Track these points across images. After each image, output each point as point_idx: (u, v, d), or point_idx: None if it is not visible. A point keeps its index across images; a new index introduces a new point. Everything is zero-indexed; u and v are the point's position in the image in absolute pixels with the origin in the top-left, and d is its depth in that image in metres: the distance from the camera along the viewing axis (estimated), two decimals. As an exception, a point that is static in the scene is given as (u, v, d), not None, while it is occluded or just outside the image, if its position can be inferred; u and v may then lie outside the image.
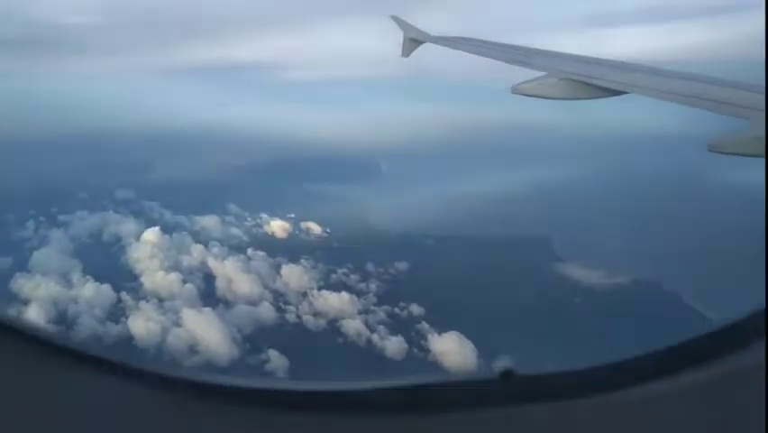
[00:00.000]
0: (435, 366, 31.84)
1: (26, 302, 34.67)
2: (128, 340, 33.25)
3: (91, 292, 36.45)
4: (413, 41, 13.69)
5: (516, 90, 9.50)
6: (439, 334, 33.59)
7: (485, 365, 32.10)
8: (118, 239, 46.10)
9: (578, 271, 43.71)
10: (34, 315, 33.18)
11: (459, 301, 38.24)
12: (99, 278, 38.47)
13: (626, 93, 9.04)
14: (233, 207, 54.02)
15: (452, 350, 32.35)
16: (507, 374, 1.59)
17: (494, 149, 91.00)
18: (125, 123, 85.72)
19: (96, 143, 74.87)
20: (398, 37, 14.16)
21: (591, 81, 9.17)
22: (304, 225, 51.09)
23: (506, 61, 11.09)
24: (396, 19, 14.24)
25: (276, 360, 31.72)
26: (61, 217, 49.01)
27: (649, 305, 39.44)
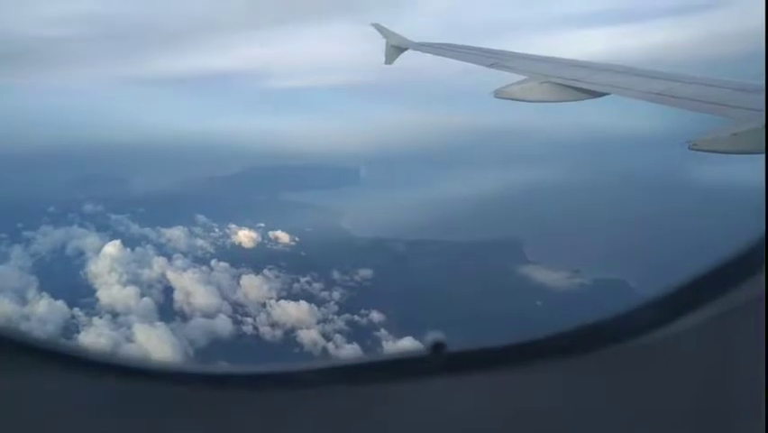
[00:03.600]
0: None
1: (-24, 321, 34.07)
2: (79, 357, 32.64)
3: (45, 309, 35.90)
4: (395, 48, 13.66)
5: (498, 94, 9.39)
6: (394, 341, 33.08)
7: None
8: (80, 253, 45.61)
9: (543, 274, 43.31)
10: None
11: (421, 307, 37.76)
12: (55, 294, 37.90)
13: (606, 94, 8.88)
14: (201, 218, 53.58)
15: (407, 357, 31.79)
16: (437, 347, 1.73)
17: (475, 152, 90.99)
18: (102, 135, 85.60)
19: (71, 156, 74.62)
20: (380, 42, 14.03)
21: (572, 84, 9.05)
22: (272, 234, 50.65)
23: (487, 66, 11.00)
24: (377, 27, 14.22)
25: (227, 373, 31.12)
26: (25, 233, 48.52)
27: (614, 305, 39.01)
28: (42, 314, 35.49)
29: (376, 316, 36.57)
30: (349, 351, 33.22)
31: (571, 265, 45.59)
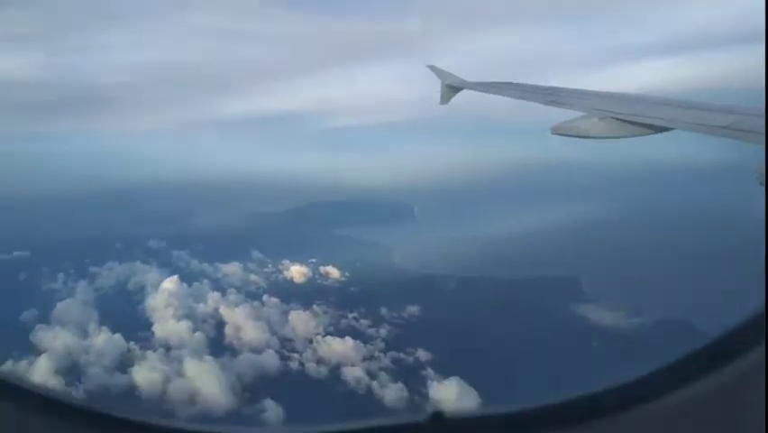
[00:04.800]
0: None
1: (40, 353, 35.76)
2: (132, 390, 33.59)
3: (103, 342, 37.29)
4: (451, 87, 13.88)
5: (555, 131, 9.40)
6: (440, 381, 32.16)
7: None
8: (141, 288, 47.38)
9: (600, 313, 41.30)
10: (44, 366, 34.21)
11: (470, 346, 36.75)
12: (114, 327, 39.39)
13: (669, 129, 8.72)
14: (256, 254, 54.84)
15: (452, 398, 30.79)
16: (436, 416, 1.63)
17: (532, 189, 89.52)
18: (166, 176, 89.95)
19: (137, 196, 78.69)
20: (434, 81, 14.35)
21: (633, 119, 8.95)
22: (323, 269, 51.07)
23: (543, 103, 11.07)
24: (433, 68, 14.56)
25: (272, 409, 31.15)
26: (92, 269, 50.99)
27: (677, 347, 36.65)
28: (100, 347, 36.87)
29: (423, 354, 35.81)
30: (393, 391, 32.55)
31: (631, 304, 43.37)
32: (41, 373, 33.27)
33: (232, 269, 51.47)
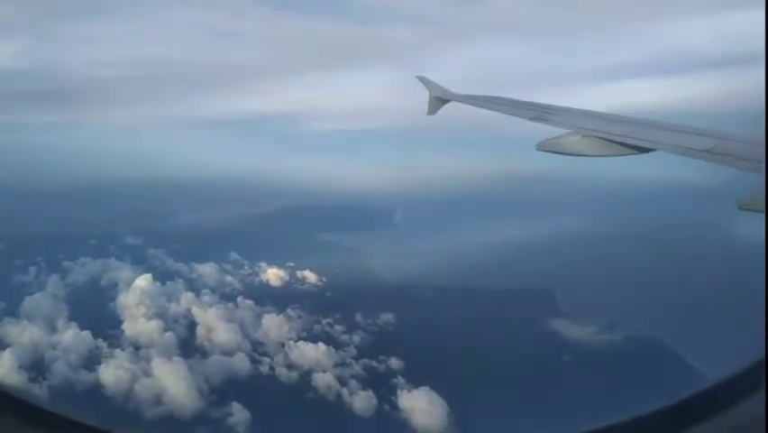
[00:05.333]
0: (402, 424, 30.28)
1: (5, 348, 35.04)
2: (97, 388, 33.05)
3: (70, 338, 36.67)
4: (438, 99, 13.95)
5: (541, 147, 9.50)
6: (409, 390, 32.10)
7: (454, 424, 30.34)
8: (114, 285, 46.71)
9: (572, 328, 41.58)
10: (8, 361, 33.53)
11: (442, 356, 36.73)
12: (83, 324, 38.79)
13: (652, 150, 8.86)
14: (234, 256, 54.38)
15: (421, 407, 30.74)
16: None
17: (515, 202, 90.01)
18: (147, 172, 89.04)
19: (117, 192, 77.69)
20: (419, 90, 14.42)
21: (617, 139, 9.11)
22: (300, 273, 50.78)
23: (528, 119, 11.22)
24: (422, 79, 14.66)
25: (239, 413, 30.82)
26: (65, 263, 50.17)
27: (648, 364, 37.04)
28: (68, 343, 36.25)
29: (395, 362, 35.73)
30: (363, 398, 32.38)
31: (603, 320, 43.74)
32: (4, 367, 32.61)
33: (207, 269, 50.97)
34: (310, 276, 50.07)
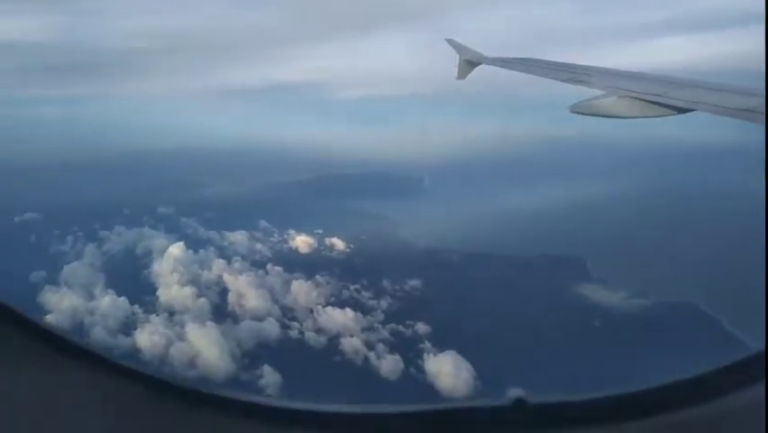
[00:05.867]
0: (428, 388, 30.62)
1: (46, 314, 36.45)
2: (134, 352, 34.20)
3: (108, 305, 37.93)
4: (468, 62, 13.60)
5: (575, 109, 9.31)
6: (435, 354, 32.34)
7: (481, 388, 30.55)
8: (148, 253, 47.90)
9: (604, 294, 41.04)
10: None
11: (469, 321, 36.83)
12: (120, 291, 40.00)
13: (691, 110, 8.60)
14: (263, 223, 55.08)
15: (448, 371, 31.00)
16: (519, 403, 1.62)
17: (547, 166, 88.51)
18: (177, 143, 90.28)
19: (148, 162, 79.16)
20: (448, 53, 14.05)
21: (655, 99, 8.85)
22: (328, 240, 51.20)
23: (563, 81, 10.95)
24: (451, 42, 14.25)
25: (269, 376, 31.61)
26: (101, 233, 51.60)
27: (683, 329, 36.43)
28: (105, 309, 37.52)
29: (421, 327, 35.96)
30: (389, 362, 32.80)
31: (636, 286, 43.03)
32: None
33: (238, 237, 51.78)
34: (338, 243, 50.45)
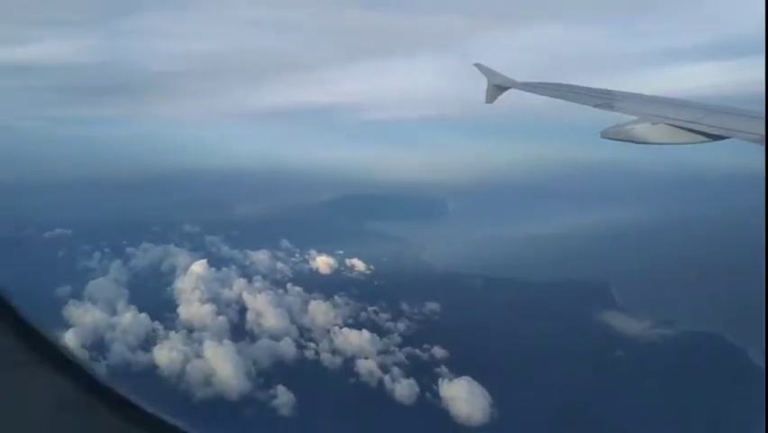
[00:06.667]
0: (442, 413, 30.04)
1: (69, 328, 37.11)
2: (153, 368, 34.53)
3: (129, 320, 38.44)
4: (497, 87, 13.69)
5: (606, 135, 9.26)
6: (451, 379, 31.78)
7: (497, 416, 29.83)
8: (172, 270, 48.59)
9: (627, 321, 39.96)
10: (71, 341, 35.49)
11: (488, 347, 36.19)
12: (142, 307, 40.55)
13: (725, 138, 8.54)
14: (285, 243, 55.51)
15: (463, 397, 30.39)
16: None
17: (574, 191, 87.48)
18: (208, 163, 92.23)
19: (179, 181, 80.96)
20: (476, 75, 14.18)
21: (688, 126, 8.80)
22: (349, 261, 51.23)
23: (593, 106, 10.94)
24: (480, 66, 14.35)
25: (283, 396, 31.46)
26: (128, 249, 52.62)
27: (707, 360, 35.20)
28: (127, 325, 38.02)
29: (438, 351, 35.48)
30: (404, 386, 32.36)
31: (661, 314, 41.83)
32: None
33: (260, 256, 52.23)
34: (358, 264, 50.43)
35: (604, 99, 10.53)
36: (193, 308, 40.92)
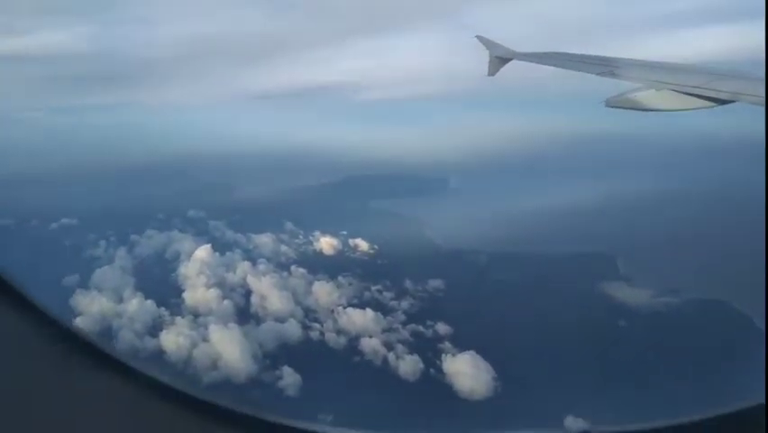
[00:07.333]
0: (446, 388, 30.38)
1: (76, 317, 37.60)
2: (160, 354, 35.01)
3: (136, 307, 38.88)
4: (499, 59, 13.52)
5: (610, 103, 9.12)
6: (454, 354, 32.06)
7: (501, 389, 30.14)
8: (177, 256, 48.90)
9: (631, 292, 39.97)
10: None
11: (491, 321, 36.40)
12: (148, 293, 40.95)
13: (732, 102, 8.39)
14: (289, 226, 55.66)
15: (467, 372, 30.68)
16: None
17: (577, 163, 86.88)
18: (209, 147, 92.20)
19: (181, 167, 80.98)
20: (477, 48, 13.99)
21: (694, 91, 8.63)
22: (352, 241, 51.35)
23: (596, 74, 10.77)
24: (481, 38, 14.17)
25: (289, 377, 31.88)
26: (133, 237, 52.95)
27: (710, 328, 35.26)
28: (133, 312, 38.47)
29: (442, 327, 35.72)
30: (408, 362, 32.68)
31: (666, 283, 41.79)
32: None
33: (264, 240, 52.39)
34: (362, 244, 50.55)
35: (607, 67, 10.32)
36: (198, 293, 41.29)
